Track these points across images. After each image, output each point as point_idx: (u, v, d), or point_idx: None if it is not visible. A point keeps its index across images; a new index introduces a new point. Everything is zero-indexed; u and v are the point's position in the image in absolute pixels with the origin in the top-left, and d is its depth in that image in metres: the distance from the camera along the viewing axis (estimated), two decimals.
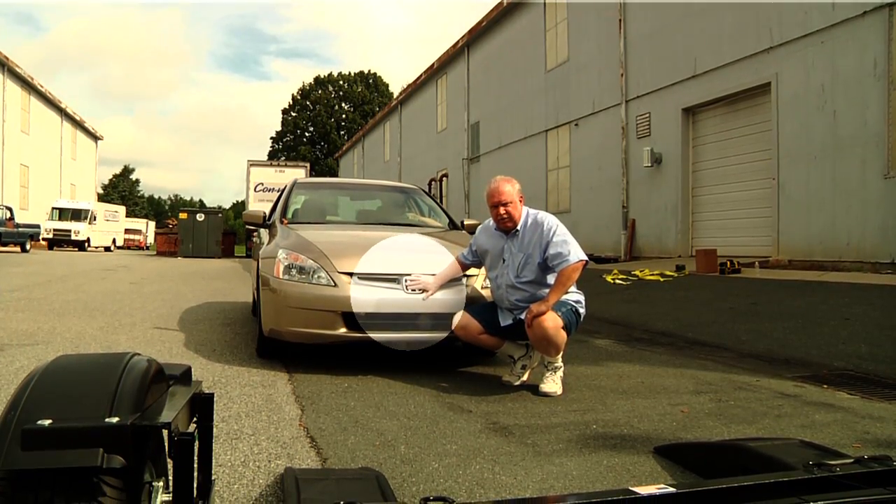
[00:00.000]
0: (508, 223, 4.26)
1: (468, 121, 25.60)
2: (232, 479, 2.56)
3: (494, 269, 4.40)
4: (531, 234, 4.23)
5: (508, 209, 4.23)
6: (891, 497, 1.65)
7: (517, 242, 4.28)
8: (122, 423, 1.14)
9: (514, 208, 4.25)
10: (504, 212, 4.23)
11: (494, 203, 4.26)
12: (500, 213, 4.24)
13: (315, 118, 67.59)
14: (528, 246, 4.23)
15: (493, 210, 4.29)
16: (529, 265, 4.20)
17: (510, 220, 4.25)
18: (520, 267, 4.24)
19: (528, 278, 4.22)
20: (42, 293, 9.46)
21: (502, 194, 4.23)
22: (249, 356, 5.09)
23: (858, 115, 10.15)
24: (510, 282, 4.28)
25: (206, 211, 28.90)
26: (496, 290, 4.43)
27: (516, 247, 4.27)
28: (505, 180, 4.30)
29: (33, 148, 36.36)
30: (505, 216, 4.24)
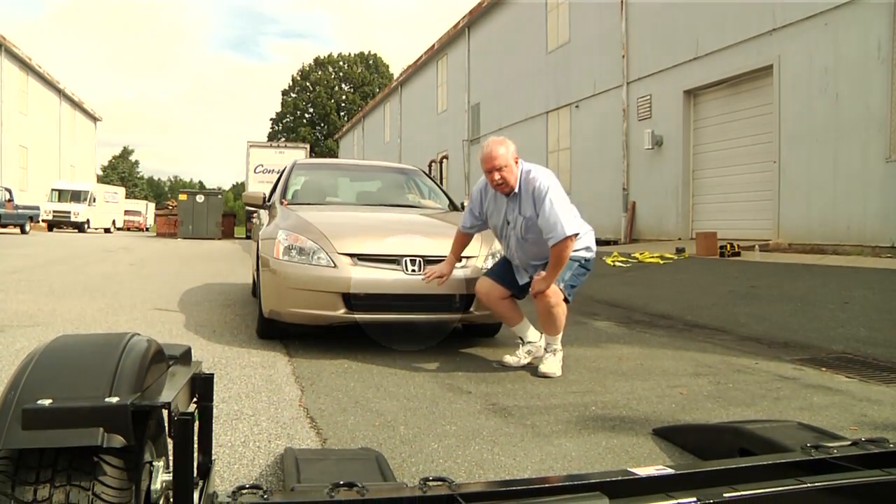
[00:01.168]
0: (504, 188, 4.13)
1: (468, 102, 25.49)
2: (232, 459, 2.57)
3: (501, 230, 4.33)
4: (527, 196, 4.10)
5: (503, 174, 4.07)
6: (887, 478, 1.66)
7: (516, 204, 4.16)
8: (122, 402, 1.14)
9: (510, 172, 4.09)
10: (499, 177, 4.07)
11: (488, 168, 4.10)
12: (494, 178, 4.09)
13: (315, 99, 67.29)
14: (527, 208, 4.11)
15: (487, 175, 4.15)
16: (532, 226, 4.08)
17: (505, 184, 4.11)
18: (523, 229, 4.14)
19: (535, 238, 4.10)
20: (42, 274, 9.46)
21: (495, 159, 4.06)
22: (249, 337, 5.10)
23: (861, 98, 10.10)
24: (518, 243, 4.23)
25: (206, 192, 28.85)
26: (506, 249, 4.40)
27: (517, 209, 4.16)
28: (498, 142, 4.12)
29: (32, 129, 36.21)
30: (500, 181, 4.09)
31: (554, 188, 4.02)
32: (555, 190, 4.02)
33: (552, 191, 4.00)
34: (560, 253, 3.92)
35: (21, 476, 1.13)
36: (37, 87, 37.55)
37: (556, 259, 3.94)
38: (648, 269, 10.10)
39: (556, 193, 4.00)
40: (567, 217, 3.94)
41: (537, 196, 4.00)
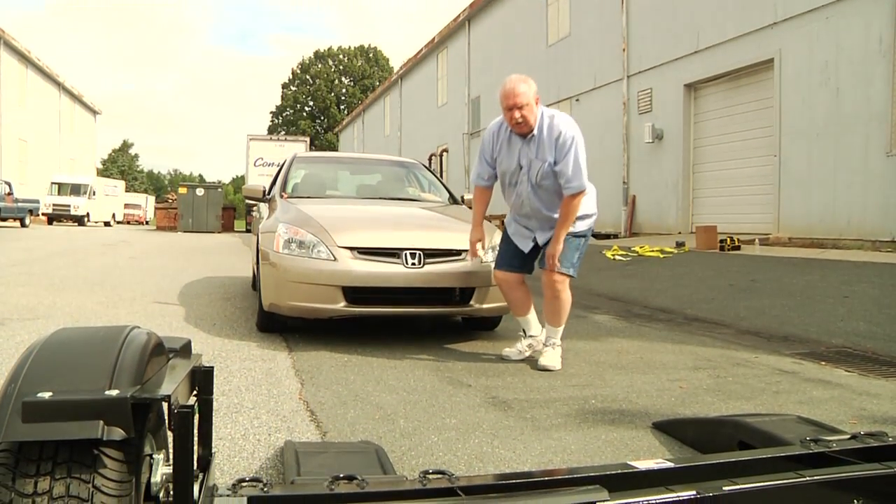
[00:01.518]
0: (524, 128, 3.92)
1: (469, 95, 25.45)
2: (232, 451, 2.58)
3: (512, 176, 4.13)
4: (549, 140, 3.93)
5: (524, 113, 3.86)
6: (886, 472, 1.66)
7: (534, 147, 3.97)
8: (122, 395, 1.14)
9: (530, 111, 3.88)
10: (519, 116, 3.86)
11: (509, 106, 3.88)
12: (514, 116, 3.87)
13: (315, 92, 67.17)
14: (546, 152, 3.93)
15: (506, 113, 3.93)
16: (548, 173, 3.95)
17: (525, 124, 3.90)
18: (538, 175, 3.98)
19: (549, 186, 3.99)
20: (42, 268, 9.46)
21: (517, 96, 3.85)
22: (249, 330, 5.10)
23: (862, 92, 10.08)
24: (529, 190, 4.07)
25: (206, 186, 28.81)
26: (514, 199, 4.20)
27: (533, 152, 3.98)
28: (520, 79, 3.92)
29: (31, 122, 36.15)
30: (520, 120, 3.88)
31: (579, 139, 3.93)
32: (580, 141, 3.93)
33: (578, 141, 3.91)
34: (571, 206, 3.90)
35: (21, 468, 1.13)
36: (36, 81, 37.47)
37: (566, 214, 3.92)
38: (648, 262, 10.10)
39: (581, 145, 3.92)
40: (584, 171, 3.93)
41: (562, 144, 3.88)
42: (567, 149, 3.86)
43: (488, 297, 4.74)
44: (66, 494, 1.12)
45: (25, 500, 1.10)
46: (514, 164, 4.06)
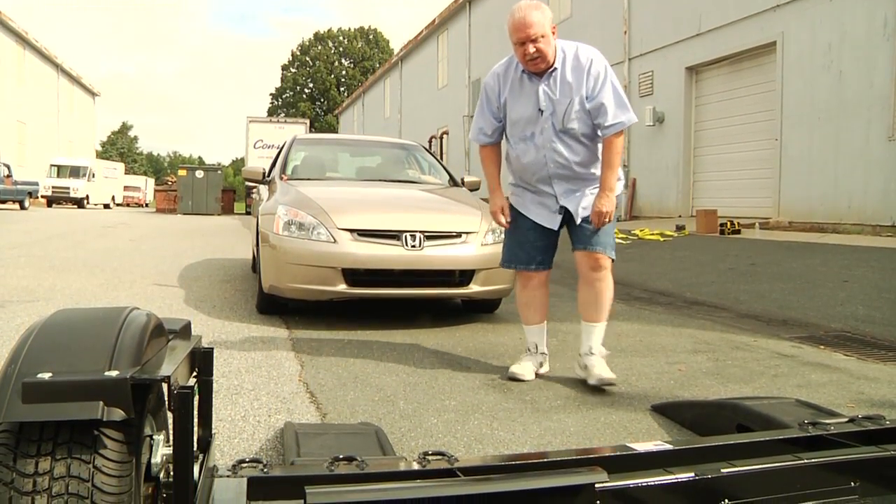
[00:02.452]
0: (541, 64, 3.26)
1: (469, 77, 25.32)
2: (232, 433, 2.59)
3: (528, 125, 3.38)
4: (574, 73, 3.29)
5: (539, 45, 3.19)
6: (883, 454, 1.67)
7: (556, 84, 3.31)
8: (122, 376, 1.14)
9: (547, 43, 3.22)
10: (534, 50, 3.20)
11: (521, 39, 3.21)
12: (527, 51, 3.20)
13: (315, 74, 66.84)
14: (572, 88, 3.29)
15: (518, 48, 3.26)
16: (578, 113, 3.29)
17: (542, 59, 3.24)
18: (566, 116, 3.29)
19: (577, 130, 3.31)
20: (42, 250, 9.46)
21: (531, 26, 3.18)
22: (249, 312, 5.11)
23: (865, 75, 10.03)
24: (553, 139, 3.34)
25: (206, 168, 28.73)
26: (530, 159, 3.42)
27: (556, 90, 3.30)
28: (532, 6, 3.23)
29: (30, 104, 35.96)
30: (535, 55, 3.21)
31: (611, 68, 3.36)
32: (612, 71, 3.36)
33: (610, 71, 3.34)
34: (616, 147, 3.29)
35: (22, 449, 1.13)
36: (34, 62, 37.24)
37: (612, 157, 3.29)
38: (648, 245, 10.10)
39: (614, 75, 3.35)
40: (627, 101, 3.34)
41: (595, 74, 3.26)
42: (603, 78, 3.26)
43: (488, 280, 4.74)
44: (66, 474, 1.12)
45: (27, 479, 1.11)
46: (532, 109, 3.35)
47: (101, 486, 1.12)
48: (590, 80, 3.27)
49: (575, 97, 3.28)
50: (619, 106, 3.27)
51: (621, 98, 3.29)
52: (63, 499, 1.11)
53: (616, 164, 3.32)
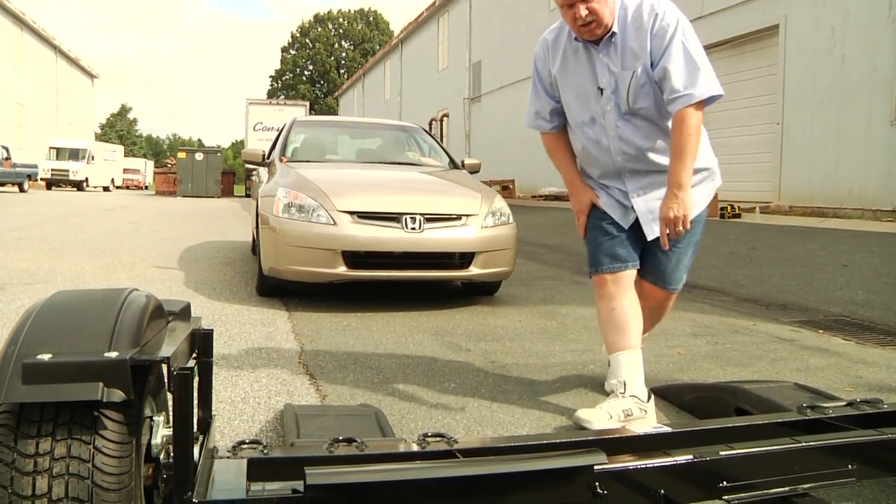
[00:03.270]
0: (596, 29, 2.47)
1: (470, 60, 25.19)
2: (232, 415, 2.60)
3: (587, 106, 2.64)
4: (637, 35, 2.49)
5: (592, 5, 2.41)
6: (880, 438, 1.68)
7: (617, 53, 2.53)
8: (122, 357, 1.14)
9: (602, 4, 2.43)
10: (586, 12, 2.41)
11: (566, 2, 2.44)
12: (578, 14, 2.42)
13: (314, 56, 66.49)
14: (636, 55, 2.50)
15: (566, 11, 2.47)
16: (645, 87, 2.52)
17: (598, 23, 2.46)
18: (631, 92, 2.53)
19: (649, 111, 2.56)
20: (41, 233, 9.45)
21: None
22: (249, 294, 5.11)
23: (868, 59, 9.97)
24: (619, 124, 2.59)
25: (205, 150, 28.68)
26: (594, 148, 2.68)
27: (617, 61, 2.53)
28: None
29: (28, 86, 35.79)
30: (589, 19, 2.43)
31: (685, 23, 2.49)
32: (687, 26, 2.49)
33: (685, 25, 2.48)
34: (684, 126, 2.42)
35: (23, 429, 1.13)
36: (31, 43, 37.02)
37: (679, 141, 2.44)
38: None
39: (689, 31, 2.49)
40: (705, 66, 2.46)
41: (660, 31, 2.45)
42: (670, 35, 2.43)
43: (488, 262, 4.74)
44: (67, 455, 1.12)
45: (27, 460, 1.11)
46: (590, 87, 2.62)
47: (101, 467, 1.13)
48: (654, 41, 2.46)
49: (639, 66, 2.50)
50: (691, 71, 2.42)
51: (693, 62, 2.43)
52: (64, 479, 1.11)
53: (688, 152, 2.43)
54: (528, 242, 9.01)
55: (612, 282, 2.65)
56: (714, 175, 2.76)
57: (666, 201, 2.47)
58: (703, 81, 2.42)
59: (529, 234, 9.67)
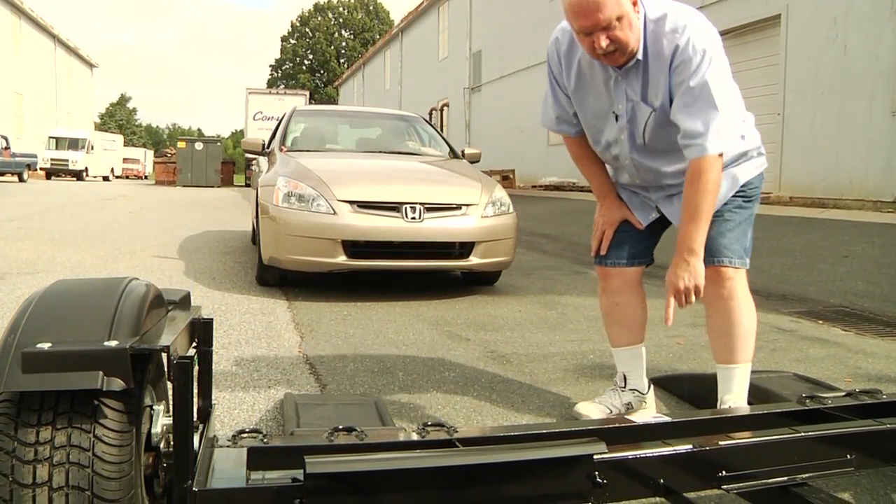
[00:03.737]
0: (619, 57, 2.13)
1: (470, 49, 25.10)
2: (232, 404, 2.60)
3: (602, 130, 2.37)
4: (657, 65, 2.15)
5: (616, 34, 2.05)
6: (879, 428, 1.68)
7: (637, 80, 2.20)
8: (121, 346, 1.14)
9: (628, 27, 2.06)
10: (607, 43, 2.05)
11: (586, 27, 2.05)
12: (598, 44, 2.06)
13: (314, 46, 66.25)
14: (656, 89, 2.18)
15: (583, 40, 2.11)
16: (664, 126, 2.20)
17: (621, 51, 2.10)
18: (648, 130, 2.25)
19: (665, 147, 2.25)
20: (41, 222, 9.44)
21: (600, 7, 2.00)
22: (249, 284, 5.11)
23: (870, 49, 9.92)
24: (633, 155, 2.34)
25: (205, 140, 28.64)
26: (612, 161, 2.47)
27: (637, 89, 2.21)
28: None
29: (27, 75, 35.67)
30: (610, 48, 2.07)
31: (716, 52, 2.10)
32: (716, 58, 2.10)
33: (710, 58, 2.08)
34: (699, 181, 2.09)
35: (23, 418, 1.13)
36: (30, 32, 36.87)
37: (691, 197, 2.12)
38: None
39: (717, 66, 2.09)
40: (728, 114, 2.10)
41: (680, 66, 2.10)
42: (692, 70, 2.07)
43: (488, 252, 4.74)
44: (67, 444, 1.12)
45: (28, 449, 1.11)
46: (606, 110, 2.32)
47: (101, 456, 1.13)
48: (674, 75, 2.12)
49: (658, 102, 2.19)
50: (711, 116, 2.05)
51: (713, 105, 2.05)
52: (64, 468, 1.11)
53: (703, 211, 2.11)
54: (528, 232, 9.00)
55: (616, 276, 2.57)
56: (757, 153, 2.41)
57: (675, 268, 2.22)
58: (722, 131, 2.07)
59: (529, 223, 9.66)
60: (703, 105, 2.07)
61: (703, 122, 2.06)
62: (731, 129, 2.11)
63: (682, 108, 2.10)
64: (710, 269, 2.27)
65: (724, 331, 2.42)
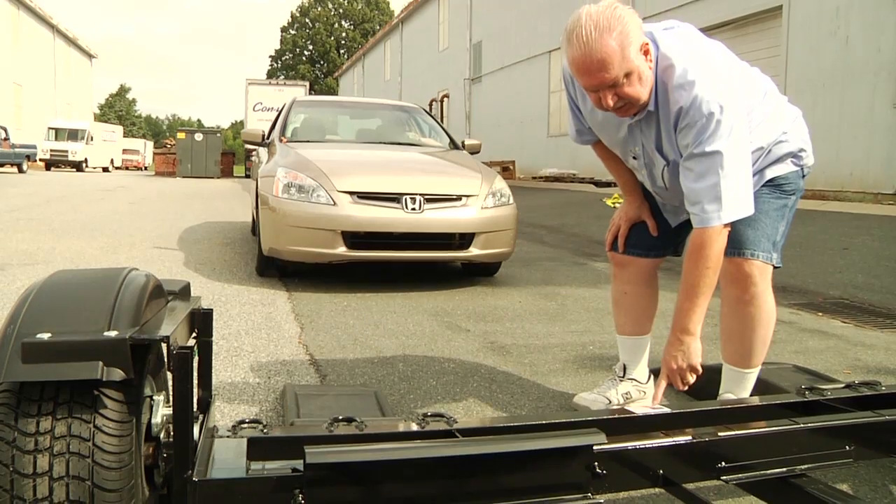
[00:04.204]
0: (630, 110, 2.02)
1: (470, 40, 25.02)
2: (232, 394, 2.60)
3: (623, 153, 2.33)
4: (668, 119, 2.03)
5: (624, 91, 1.93)
6: (878, 419, 1.68)
7: (651, 130, 2.11)
8: (121, 336, 1.14)
9: (637, 83, 1.93)
10: (614, 100, 1.95)
11: (590, 86, 1.95)
12: (607, 103, 1.96)
13: (314, 36, 66.03)
14: (668, 136, 2.06)
15: (592, 97, 2.01)
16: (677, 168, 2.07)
17: (630, 105, 1.98)
18: (662, 173, 2.19)
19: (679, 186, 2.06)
20: (41, 213, 9.44)
21: (605, 67, 1.87)
22: (249, 275, 5.11)
23: (873, 41, 9.89)
24: (655, 190, 2.33)
25: (205, 131, 28.58)
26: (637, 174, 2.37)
27: (651, 136, 2.12)
28: (604, 26, 1.89)
29: (26, 66, 35.55)
30: (620, 105, 1.97)
31: (732, 108, 1.92)
32: (733, 113, 1.92)
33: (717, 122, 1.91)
34: (701, 256, 1.98)
35: (23, 408, 1.13)
36: (28, 23, 36.73)
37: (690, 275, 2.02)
38: None
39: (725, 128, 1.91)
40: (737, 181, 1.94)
41: (685, 128, 1.96)
42: (696, 136, 1.93)
43: (488, 243, 4.74)
44: (67, 434, 1.13)
45: (28, 439, 1.11)
46: (621, 145, 2.28)
47: (101, 446, 1.13)
48: (679, 136, 2.00)
49: (670, 156, 2.10)
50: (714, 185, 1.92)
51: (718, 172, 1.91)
52: (65, 458, 1.12)
53: (701, 291, 2.02)
54: (528, 223, 9.00)
55: (630, 264, 2.50)
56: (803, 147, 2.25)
57: (669, 348, 2.12)
58: (728, 201, 1.92)
59: (529, 215, 9.66)
60: (709, 174, 1.93)
61: (708, 191, 1.93)
62: (739, 196, 1.95)
63: (686, 171, 1.98)
64: (732, 262, 2.16)
65: (738, 336, 2.30)
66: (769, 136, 2.16)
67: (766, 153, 2.17)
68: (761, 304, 2.21)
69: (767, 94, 2.20)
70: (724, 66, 2.02)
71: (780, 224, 2.22)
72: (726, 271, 2.15)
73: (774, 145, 2.18)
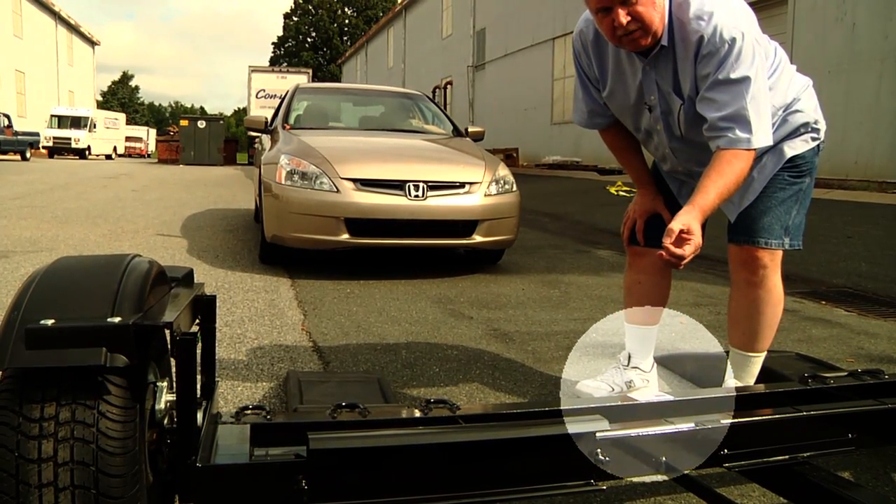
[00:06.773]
0: (642, 39, 1.97)
1: (474, 27, 24.91)
2: (235, 381, 2.61)
3: (636, 121, 2.27)
4: (684, 54, 2.00)
5: (635, 10, 1.90)
6: (881, 408, 1.68)
7: (667, 70, 2.06)
8: (124, 322, 1.14)
9: (647, 7, 1.91)
10: (626, 19, 1.91)
11: (602, 4, 1.93)
12: (617, 21, 1.92)
13: (317, 23, 65.76)
14: (686, 77, 2.03)
15: (600, 19, 1.98)
16: (696, 116, 2.04)
17: (643, 30, 1.94)
18: (683, 123, 2.11)
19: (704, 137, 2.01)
20: (44, 201, 9.44)
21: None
22: (252, 262, 5.12)
23: (879, 27, 9.82)
24: (672, 146, 2.23)
25: (208, 118, 28.51)
26: (653, 151, 2.36)
27: (668, 78, 2.07)
28: None
29: (28, 53, 35.47)
30: (632, 27, 1.93)
31: (746, 41, 1.93)
32: (747, 46, 1.93)
33: (748, 43, 1.93)
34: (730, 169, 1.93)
35: (27, 394, 1.13)
36: (30, 10, 36.61)
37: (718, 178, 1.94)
38: None
39: (746, 56, 1.92)
40: (760, 110, 1.93)
41: (706, 56, 1.94)
42: (719, 63, 1.92)
43: (491, 230, 4.73)
44: (71, 420, 1.13)
45: (32, 424, 1.12)
46: (638, 101, 2.19)
47: (105, 432, 1.13)
48: (700, 66, 1.97)
49: (689, 92, 2.04)
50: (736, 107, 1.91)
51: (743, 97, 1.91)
52: (69, 444, 1.12)
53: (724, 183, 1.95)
54: (532, 211, 8.99)
55: (646, 255, 2.42)
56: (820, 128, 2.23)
57: (686, 210, 1.97)
58: (754, 125, 1.91)
59: (533, 202, 9.64)
60: (734, 101, 1.91)
61: (733, 115, 1.91)
62: (763, 124, 1.94)
63: (709, 101, 1.96)
64: (743, 249, 2.22)
65: (746, 319, 2.30)
66: (781, 98, 2.14)
67: (781, 120, 2.15)
68: (771, 286, 2.26)
69: (778, 54, 2.20)
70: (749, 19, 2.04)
71: (794, 208, 2.22)
72: (737, 256, 2.24)
73: (790, 114, 2.16)
